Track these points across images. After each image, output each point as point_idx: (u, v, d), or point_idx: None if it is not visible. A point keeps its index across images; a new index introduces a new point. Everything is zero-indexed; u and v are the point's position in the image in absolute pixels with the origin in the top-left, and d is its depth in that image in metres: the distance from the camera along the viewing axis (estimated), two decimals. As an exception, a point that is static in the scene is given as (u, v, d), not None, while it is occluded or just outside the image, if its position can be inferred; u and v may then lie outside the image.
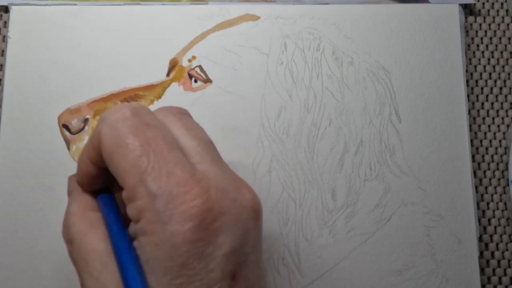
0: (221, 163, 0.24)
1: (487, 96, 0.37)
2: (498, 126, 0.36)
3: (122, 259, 0.21)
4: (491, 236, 0.34)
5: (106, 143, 0.22)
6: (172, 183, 0.21)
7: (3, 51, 0.36)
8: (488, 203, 0.35)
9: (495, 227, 0.34)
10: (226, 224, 0.21)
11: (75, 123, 0.34)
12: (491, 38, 0.37)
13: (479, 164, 0.35)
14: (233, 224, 0.22)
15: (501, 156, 0.35)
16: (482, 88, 0.37)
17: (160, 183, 0.21)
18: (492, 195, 0.35)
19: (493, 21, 0.38)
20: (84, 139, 0.34)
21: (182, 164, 0.22)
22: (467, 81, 0.36)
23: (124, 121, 0.22)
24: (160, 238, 0.20)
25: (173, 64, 0.35)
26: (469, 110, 0.36)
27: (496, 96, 0.36)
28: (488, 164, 0.35)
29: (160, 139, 0.22)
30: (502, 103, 0.36)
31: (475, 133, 0.36)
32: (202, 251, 0.21)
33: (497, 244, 0.34)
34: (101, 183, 0.25)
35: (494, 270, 0.34)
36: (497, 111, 0.36)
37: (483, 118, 0.36)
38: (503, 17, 0.38)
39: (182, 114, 0.26)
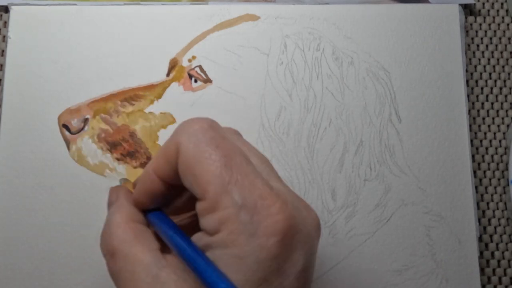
0: (283, 182, 0.24)
1: (487, 96, 0.37)
2: (498, 126, 0.36)
3: (202, 267, 0.20)
4: (491, 236, 0.34)
5: (187, 153, 0.22)
6: (255, 195, 0.21)
7: (3, 51, 0.36)
8: (488, 203, 0.35)
9: (495, 227, 0.34)
10: (300, 242, 0.21)
11: (75, 123, 0.34)
12: (491, 38, 0.37)
13: (479, 164, 0.35)
14: (305, 242, 0.21)
15: (501, 156, 0.35)
16: (482, 88, 0.37)
17: (245, 194, 0.20)
18: (492, 195, 0.35)
19: (493, 21, 0.38)
20: (84, 139, 0.34)
21: (260, 178, 0.21)
22: (467, 81, 0.36)
23: (204, 132, 0.22)
24: (244, 250, 0.20)
25: (173, 64, 0.35)
26: (469, 110, 0.36)
27: (496, 96, 0.36)
28: (488, 164, 0.35)
29: (238, 153, 0.22)
30: (502, 103, 0.36)
31: (475, 133, 0.36)
32: (280, 267, 0.20)
33: (497, 244, 0.34)
34: (160, 203, 0.25)
35: (494, 270, 0.34)
36: (497, 111, 0.36)
37: (483, 118, 0.36)
38: (503, 17, 0.38)
39: (238, 134, 0.26)
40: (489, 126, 0.36)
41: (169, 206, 0.26)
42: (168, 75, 0.35)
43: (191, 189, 0.22)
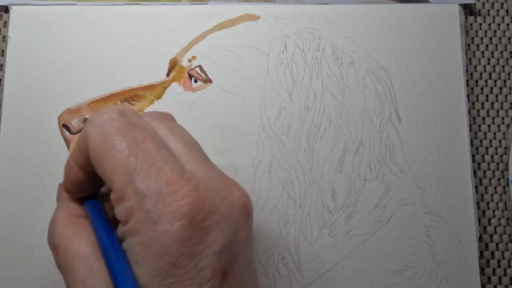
0: (209, 163, 0.24)
1: (487, 96, 0.37)
2: (498, 126, 0.36)
3: (112, 262, 0.21)
4: (491, 236, 0.34)
5: (93, 144, 0.22)
6: (161, 182, 0.21)
7: (3, 51, 0.36)
8: (488, 203, 0.35)
9: (495, 227, 0.34)
10: (215, 222, 0.21)
11: (75, 123, 0.34)
12: (491, 38, 0.37)
13: (479, 164, 0.35)
14: (223, 222, 0.22)
15: (501, 156, 0.35)
16: (482, 88, 0.37)
17: (149, 182, 0.21)
18: (492, 195, 0.35)
19: (493, 21, 0.38)
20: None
21: (171, 164, 0.22)
22: (467, 81, 0.36)
23: (111, 122, 0.22)
24: (149, 237, 0.20)
25: (173, 64, 0.35)
26: (469, 110, 0.36)
27: (496, 96, 0.36)
28: (488, 164, 0.35)
29: (148, 140, 0.22)
30: (502, 103, 0.36)
31: (475, 133, 0.36)
32: (192, 250, 0.21)
33: (497, 244, 0.34)
34: (88, 190, 0.25)
35: (494, 270, 0.34)
36: (497, 111, 0.36)
37: (483, 118, 0.36)
38: (503, 17, 0.38)
39: (167, 118, 0.26)
40: (489, 126, 0.36)
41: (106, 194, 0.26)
42: (168, 75, 0.35)
43: (102, 179, 0.22)
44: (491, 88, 0.37)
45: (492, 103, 0.36)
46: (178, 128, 0.25)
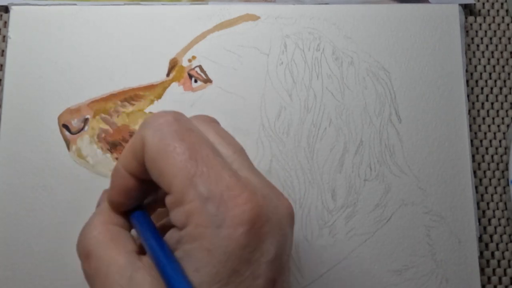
0: (257, 171, 0.24)
1: (487, 96, 0.37)
2: (498, 126, 0.36)
3: (168, 272, 0.20)
4: (491, 236, 0.34)
5: (152, 147, 0.22)
6: (222, 186, 0.20)
7: (3, 51, 0.36)
8: (488, 203, 0.35)
9: (495, 227, 0.34)
10: (271, 230, 0.21)
11: (75, 123, 0.34)
12: (491, 38, 0.37)
13: (479, 164, 0.35)
14: (276, 231, 0.21)
15: (501, 156, 0.35)
16: (482, 88, 0.37)
17: (210, 186, 0.20)
18: (492, 195, 0.35)
19: (493, 21, 0.38)
20: (84, 139, 0.34)
21: (228, 169, 0.21)
22: (467, 81, 0.36)
23: (169, 125, 0.22)
24: (212, 243, 0.20)
25: (173, 64, 0.35)
26: (469, 110, 0.36)
27: (496, 96, 0.36)
28: (488, 164, 0.35)
29: (204, 144, 0.22)
30: (502, 103, 0.36)
31: (475, 133, 0.36)
32: (250, 257, 0.20)
33: (497, 244, 0.34)
34: (136, 200, 0.24)
35: (494, 270, 0.34)
36: (497, 111, 0.36)
37: (483, 118, 0.36)
38: (503, 17, 0.38)
39: (214, 122, 0.26)
40: (489, 126, 0.36)
41: (156, 202, 0.26)
42: (168, 75, 0.35)
43: (158, 183, 0.22)
44: (491, 88, 0.37)
45: (492, 103, 0.36)
46: (226, 133, 0.25)
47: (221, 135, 0.24)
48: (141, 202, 0.25)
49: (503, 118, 0.36)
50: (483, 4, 0.38)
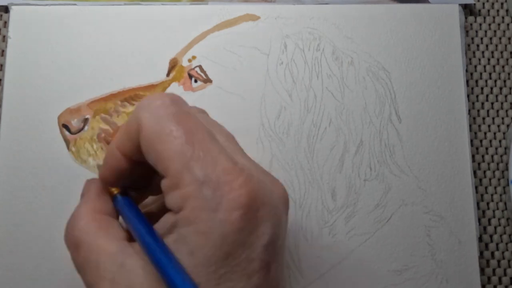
0: (248, 156, 0.24)
1: (487, 96, 0.37)
2: (498, 126, 0.36)
3: (158, 257, 0.20)
4: (491, 236, 0.34)
5: (148, 129, 0.22)
6: (218, 170, 0.21)
7: (3, 51, 0.36)
8: (488, 203, 0.35)
9: (495, 227, 0.34)
10: (266, 214, 0.21)
11: (75, 123, 0.34)
12: (491, 38, 0.37)
13: (479, 164, 0.35)
14: (271, 215, 0.21)
15: (501, 156, 0.35)
16: (482, 88, 0.37)
17: (207, 170, 0.20)
18: (492, 195, 0.35)
19: (493, 21, 0.38)
20: (84, 138, 0.34)
21: (224, 153, 0.21)
22: (467, 81, 0.36)
23: (165, 108, 0.22)
24: (208, 226, 0.20)
25: (173, 64, 0.35)
26: (469, 110, 0.36)
27: (496, 96, 0.36)
28: (488, 164, 0.35)
29: (201, 129, 0.22)
30: (502, 103, 0.36)
31: (475, 133, 0.36)
32: (245, 240, 0.20)
33: (497, 244, 0.34)
34: (126, 182, 0.25)
35: (494, 270, 0.34)
36: (497, 111, 0.36)
37: (483, 118, 0.36)
38: (503, 17, 0.38)
39: (204, 112, 0.26)
40: (489, 126, 0.36)
41: (144, 189, 0.26)
42: (168, 75, 0.35)
43: (154, 166, 0.22)
44: (491, 88, 0.37)
45: (492, 103, 0.36)
46: (216, 122, 0.25)
47: (211, 124, 0.24)
48: (132, 183, 0.25)
49: (503, 118, 0.36)
50: (483, 4, 0.38)
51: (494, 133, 0.36)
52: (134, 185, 0.26)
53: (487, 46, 0.37)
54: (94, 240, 0.22)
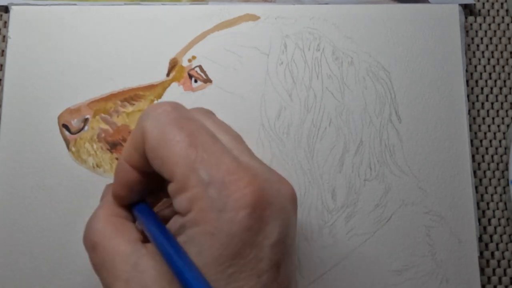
0: (255, 156, 0.24)
1: (487, 96, 0.37)
2: (498, 126, 0.36)
3: (173, 258, 0.20)
4: (491, 236, 0.34)
5: (152, 137, 0.22)
6: (223, 171, 0.21)
7: (3, 51, 0.36)
8: (488, 203, 0.35)
9: (495, 227, 0.34)
10: (273, 213, 0.21)
11: (75, 123, 0.34)
12: (491, 38, 0.37)
13: (479, 164, 0.35)
14: (279, 214, 0.21)
15: (501, 156, 0.35)
16: (482, 88, 0.37)
17: (212, 171, 0.21)
18: (492, 195, 0.35)
19: (493, 21, 0.38)
20: (84, 138, 0.34)
21: (228, 154, 0.22)
22: (467, 81, 0.36)
23: (167, 115, 0.22)
24: (215, 226, 0.20)
25: (173, 64, 0.35)
26: (469, 110, 0.36)
27: (496, 96, 0.36)
28: (488, 164, 0.35)
29: (203, 131, 0.22)
30: (502, 103, 0.36)
31: (475, 133, 0.36)
32: (253, 240, 0.20)
33: (497, 244, 0.34)
34: (138, 194, 0.25)
35: (494, 270, 0.34)
36: (497, 111, 0.36)
37: (483, 118, 0.36)
38: (503, 17, 0.38)
39: (210, 113, 0.26)
40: (489, 126, 0.36)
41: (157, 194, 0.26)
42: (168, 75, 0.35)
43: (160, 172, 0.22)
44: (491, 88, 0.37)
45: (492, 103, 0.36)
46: (222, 122, 0.25)
47: (218, 124, 0.24)
48: (144, 196, 0.25)
49: (503, 118, 0.36)
50: (483, 4, 0.38)
51: (494, 133, 0.36)
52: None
53: (487, 46, 0.37)
54: (110, 242, 0.23)
